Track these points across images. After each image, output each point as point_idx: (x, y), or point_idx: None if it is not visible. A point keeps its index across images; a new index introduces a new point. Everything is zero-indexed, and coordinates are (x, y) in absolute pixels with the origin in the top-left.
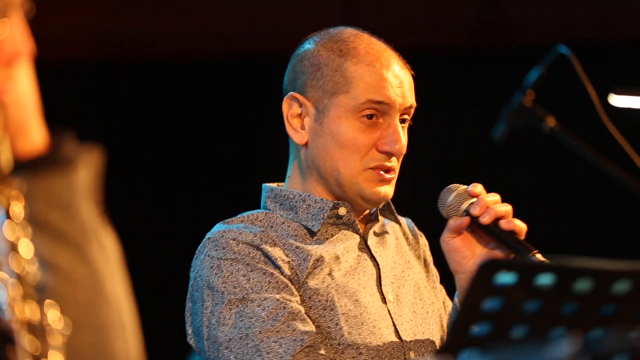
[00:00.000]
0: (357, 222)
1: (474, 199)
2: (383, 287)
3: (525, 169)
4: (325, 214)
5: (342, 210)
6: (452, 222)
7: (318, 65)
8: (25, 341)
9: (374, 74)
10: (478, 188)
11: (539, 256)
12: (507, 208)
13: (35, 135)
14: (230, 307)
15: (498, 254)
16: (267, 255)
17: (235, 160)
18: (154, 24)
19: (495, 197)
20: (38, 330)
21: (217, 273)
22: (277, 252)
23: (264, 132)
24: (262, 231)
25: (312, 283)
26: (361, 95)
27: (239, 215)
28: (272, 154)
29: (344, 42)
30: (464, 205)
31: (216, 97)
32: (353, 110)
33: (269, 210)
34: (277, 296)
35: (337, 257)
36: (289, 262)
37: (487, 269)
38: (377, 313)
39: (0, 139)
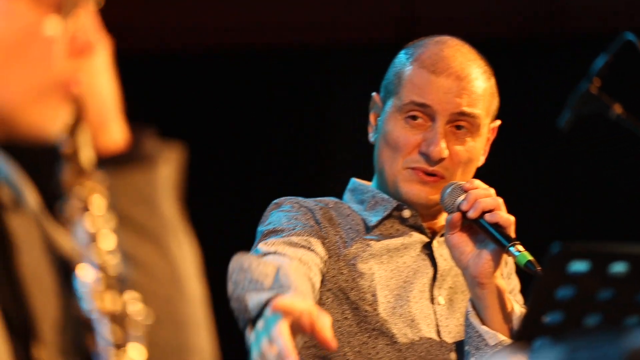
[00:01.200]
0: (424, 225)
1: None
2: (435, 289)
3: (593, 158)
4: (386, 213)
5: (406, 213)
6: (447, 218)
7: (391, 67)
8: (106, 330)
9: (423, 77)
10: (473, 183)
11: (519, 247)
12: (496, 201)
13: (115, 131)
14: (263, 238)
15: (486, 252)
16: (316, 220)
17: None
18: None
19: (486, 191)
20: (119, 320)
21: (265, 219)
22: (328, 224)
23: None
24: (324, 207)
25: (360, 266)
26: (406, 97)
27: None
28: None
29: (418, 47)
30: (458, 201)
31: (282, 89)
32: (399, 111)
33: (344, 201)
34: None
35: (392, 252)
36: (337, 235)
37: (560, 256)
38: (420, 310)
39: (79, 132)
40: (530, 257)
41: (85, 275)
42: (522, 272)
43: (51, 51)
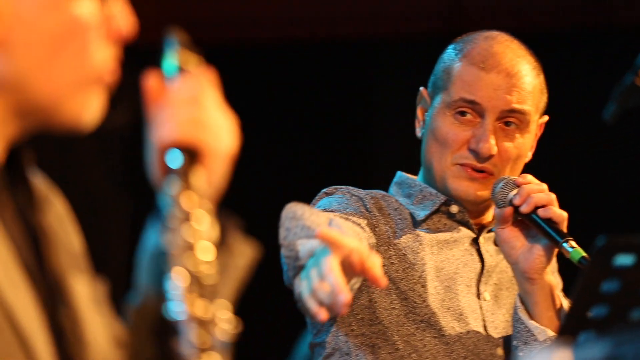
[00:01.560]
0: (471, 221)
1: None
2: (481, 285)
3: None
4: (434, 207)
5: (453, 208)
6: (497, 212)
7: (439, 62)
8: (193, 334)
9: (472, 74)
10: (526, 178)
11: (572, 243)
12: (549, 197)
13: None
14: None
15: (538, 247)
16: (367, 209)
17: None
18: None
19: (539, 186)
20: (206, 326)
21: (313, 206)
22: (379, 213)
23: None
24: (374, 196)
25: (410, 256)
26: (455, 93)
27: None
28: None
29: (467, 43)
30: (510, 195)
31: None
32: (448, 107)
33: (391, 194)
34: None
35: (442, 244)
36: (387, 224)
37: (606, 250)
38: (468, 304)
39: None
40: (583, 253)
41: (179, 279)
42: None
43: (91, 41)
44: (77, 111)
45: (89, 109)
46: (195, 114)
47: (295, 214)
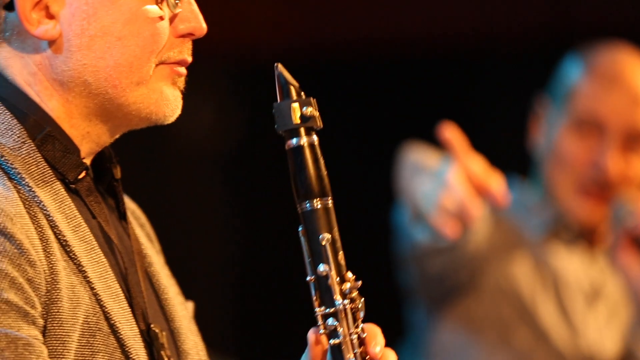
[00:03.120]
0: (585, 240)
1: None
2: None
3: None
4: (550, 224)
5: (568, 226)
6: (615, 235)
7: (560, 76)
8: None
9: (596, 92)
10: None
11: None
12: None
13: None
14: None
15: None
16: None
17: None
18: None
19: None
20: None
21: None
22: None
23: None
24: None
25: None
26: (578, 111)
27: None
28: None
29: (590, 58)
30: (630, 219)
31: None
32: (569, 124)
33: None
34: None
35: None
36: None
37: None
38: (581, 321)
39: None
40: None
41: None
42: None
43: (157, 33)
44: (153, 100)
45: (162, 102)
46: None
47: (410, 157)
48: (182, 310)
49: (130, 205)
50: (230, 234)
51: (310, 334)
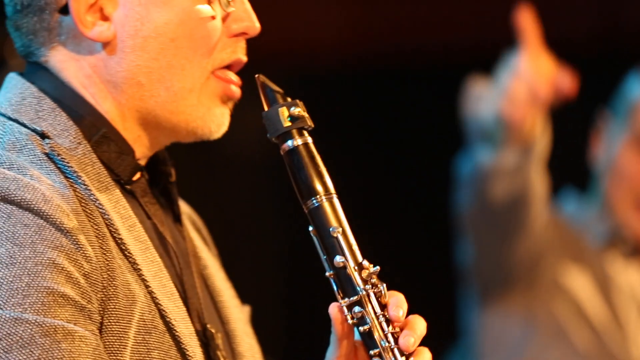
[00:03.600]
0: None
1: None
2: None
3: None
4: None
5: (624, 241)
6: None
7: (622, 92)
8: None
9: None
10: None
11: None
12: None
13: None
14: None
15: None
16: None
17: None
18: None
19: None
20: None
21: None
22: None
23: None
24: None
25: None
26: (636, 127)
27: None
28: None
29: None
30: None
31: None
32: (631, 141)
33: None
34: None
35: None
36: None
37: None
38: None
39: None
40: None
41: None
42: None
43: (209, 33)
44: (200, 114)
45: (209, 117)
46: None
47: (472, 89)
48: (238, 313)
49: (186, 209)
50: (279, 239)
51: (336, 324)
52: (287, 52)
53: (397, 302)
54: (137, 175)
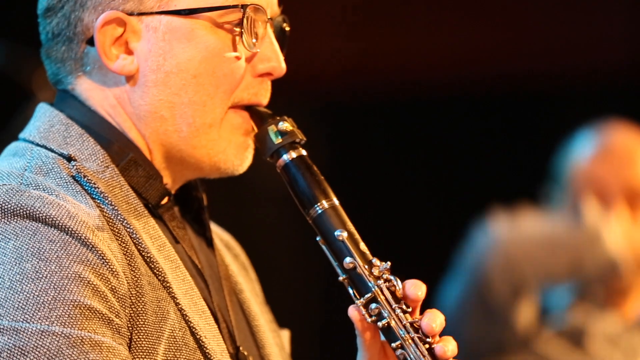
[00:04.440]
0: None
1: None
2: None
3: None
4: None
5: None
6: None
7: None
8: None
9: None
10: None
11: None
12: None
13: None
14: None
15: None
16: None
17: None
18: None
19: None
20: None
21: None
22: None
23: None
24: None
25: None
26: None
27: None
28: None
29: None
30: None
31: None
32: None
33: None
34: None
35: None
36: None
37: None
38: None
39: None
40: None
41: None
42: None
43: (232, 73)
44: (222, 148)
45: (230, 150)
46: None
47: None
48: (274, 338)
49: (224, 236)
50: (311, 268)
51: (356, 324)
52: (315, 82)
53: (414, 283)
54: (165, 200)
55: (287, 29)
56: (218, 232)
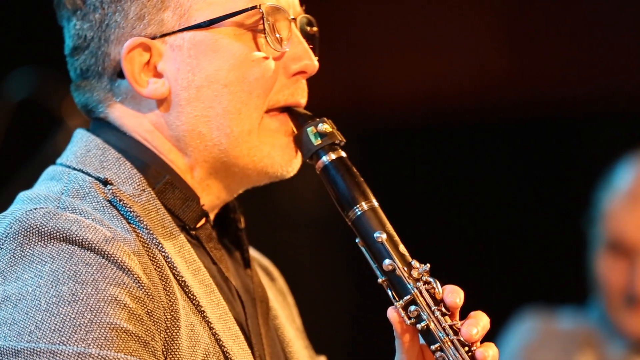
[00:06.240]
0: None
1: None
2: None
3: None
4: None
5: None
6: None
7: None
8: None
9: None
10: None
11: None
12: None
13: None
14: None
15: None
16: None
17: None
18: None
19: None
20: None
21: None
22: None
23: None
24: None
25: None
26: (603, 231)
27: None
28: None
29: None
30: None
31: None
32: (606, 248)
33: None
34: None
35: None
36: None
37: None
38: None
39: None
40: None
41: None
42: None
43: (262, 75)
44: (265, 153)
45: (274, 153)
46: None
47: None
48: None
49: (262, 261)
50: (343, 293)
51: (395, 325)
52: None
53: (452, 290)
54: (202, 221)
55: (315, 29)
56: (257, 257)
